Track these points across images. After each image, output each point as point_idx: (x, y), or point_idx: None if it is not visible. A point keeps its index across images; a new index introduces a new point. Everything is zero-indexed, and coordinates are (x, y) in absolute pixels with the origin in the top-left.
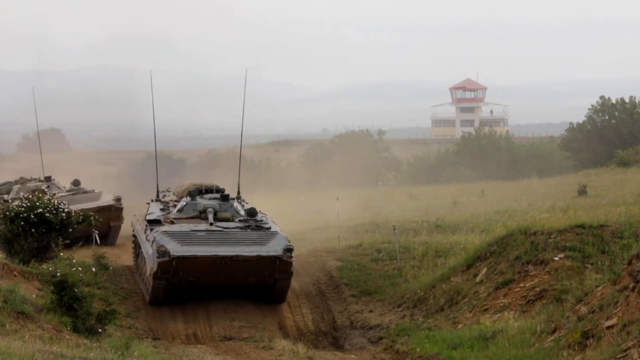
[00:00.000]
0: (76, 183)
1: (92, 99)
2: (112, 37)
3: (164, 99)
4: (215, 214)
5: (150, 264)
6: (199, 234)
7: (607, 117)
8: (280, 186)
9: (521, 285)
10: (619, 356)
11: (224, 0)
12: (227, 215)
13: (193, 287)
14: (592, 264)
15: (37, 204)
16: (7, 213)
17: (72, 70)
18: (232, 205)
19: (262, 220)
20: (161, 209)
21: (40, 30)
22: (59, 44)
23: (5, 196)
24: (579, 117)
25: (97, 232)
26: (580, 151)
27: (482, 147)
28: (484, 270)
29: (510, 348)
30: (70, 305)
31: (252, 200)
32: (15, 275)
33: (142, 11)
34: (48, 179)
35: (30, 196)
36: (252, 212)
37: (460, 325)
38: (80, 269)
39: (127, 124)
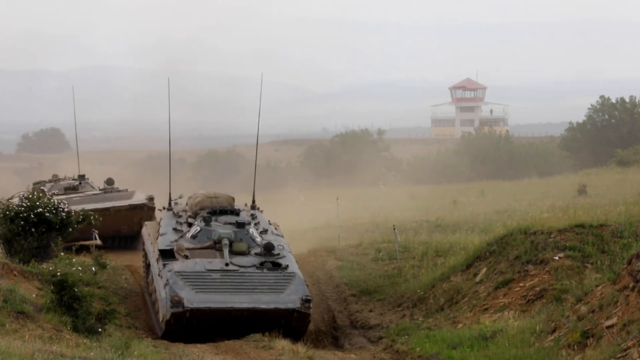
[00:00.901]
0: (109, 182)
1: (92, 99)
2: (113, 37)
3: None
4: (230, 245)
5: (163, 311)
6: (214, 275)
7: (607, 117)
8: (280, 186)
9: (521, 284)
10: (618, 356)
11: (224, 0)
12: (243, 247)
13: (206, 328)
14: (592, 263)
15: (37, 203)
16: (7, 213)
17: (72, 70)
18: (247, 233)
19: (278, 254)
20: (174, 229)
21: (40, 30)
22: (60, 43)
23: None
24: (579, 117)
25: (96, 231)
26: (580, 151)
27: (482, 147)
28: (484, 269)
29: (510, 348)
30: (70, 305)
31: (250, 200)
32: (15, 275)
33: (142, 11)
34: (82, 177)
35: (30, 196)
36: (269, 247)
37: (460, 325)
38: (80, 268)
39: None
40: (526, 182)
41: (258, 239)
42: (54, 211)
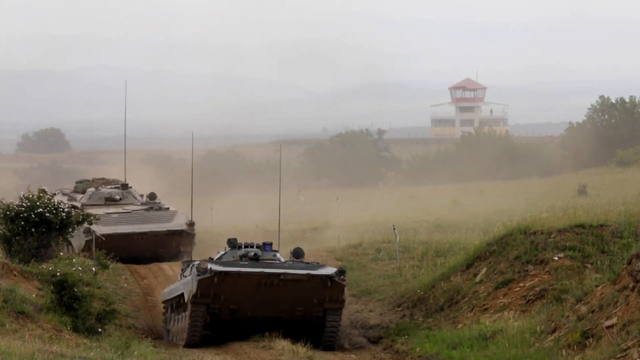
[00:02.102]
0: (152, 197)
1: (92, 99)
2: (113, 37)
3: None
4: (257, 257)
5: (189, 288)
6: (242, 262)
7: (607, 116)
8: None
9: (521, 285)
10: (618, 356)
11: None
12: (271, 258)
13: (233, 320)
14: (592, 263)
15: (37, 203)
16: (8, 213)
17: (72, 70)
18: (275, 255)
19: (308, 263)
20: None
21: (40, 30)
22: (60, 43)
23: (78, 196)
24: (579, 117)
25: (95, 230)
26: (580, 151)
27: (482, 147)
28: (484, 270)
29: (510, 348)
30: (70, 305)
31: (251, 200)
32: (15, 275)
33: (142, 11)
34: (125, 186)
35: (30, 196)
36: (298, 253)
37: (460, 325)
38: (80, 268)
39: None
40: (526, 182)
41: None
42: (54, 211)
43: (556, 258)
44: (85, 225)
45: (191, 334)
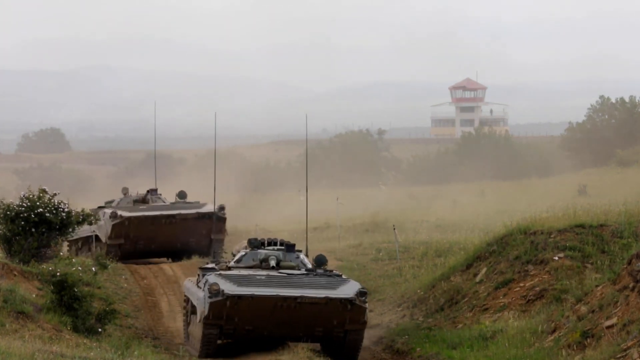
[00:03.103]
0: (182, 195)
1: (92, 99)
2: (113, 37)
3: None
4: (278, 263)
5: (201, 308)
6: (258, 277)
7: (607, 117)
8: (280, 186)
9: (521, 285)
10: (618, 356)
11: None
12: (292, 265)
13: (250, 339)
14: (592, 263)
15: (38, 203)
16: (8, 213)
17: (72, 70)
18: (298, 257)
19: (332, 271)
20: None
21: (40, 30)
22: (60, 43)
23: (115, 203)
24: (579, 117)
25: (95, 231)
26: (580, 151)
27: (482, 147)
28: (484, 270)
29: (510, 348)
30: (70, 305)
31: (252, 199)
32: (15, 275)
33: (142, 12)
34: (153, 191)
35: (30, 196)
36: (320, 260)
37: (460, 325)
38: (80, 268)
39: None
40: (526, 182)
41: (309, 265)
42: (54, 211)
43: (556, 258)
44: (110, 210)
45: (204, 350)
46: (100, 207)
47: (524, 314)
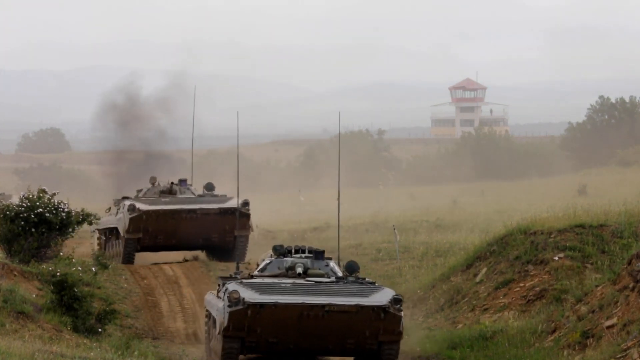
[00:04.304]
0: (209, 187)
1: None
2: (112, 37)
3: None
4: (305, 270)
5: (220, 318)
6: (283, 285)
7: (607, 117)
8: (280, 186)
9: (521, 285)
10: (618, 356)
11: (222, 1)
12: (321, 272)
13: (274, 352)
14: (592, 263)
15: (37, 203)
16: (7, 213)
17: (72, 70)
18: (327, 265)
19: (365, 279)
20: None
21: (40, 29)
22: (60, 43)
23: (142, 192)
24: (579, 117)
25: (96, 231)
26: (580, 151)
27: (482, 147)
28: (484, 270)
29: (510, 348)
30: (70, 305)
31: (252, 199)
32: (15, 275)
33: (142, 12)
34: (183, 181)
35: (30, 196)
36: (352, 267)
37: (460, 325)
38: (80, 268)
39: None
40: (526, 182)
41: (339, 274)
42: (54, 211)
43: (556, 258)
44: (129, 202)
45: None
46: (125, 198)
47: (524, 314)
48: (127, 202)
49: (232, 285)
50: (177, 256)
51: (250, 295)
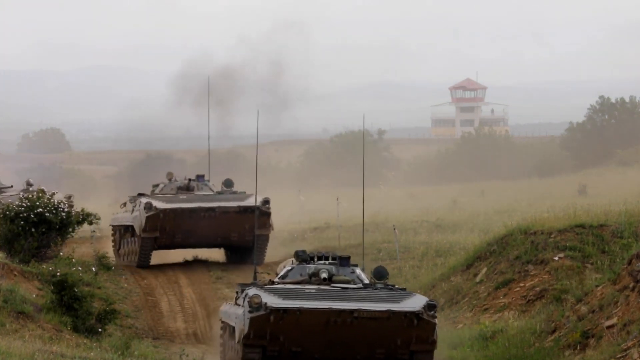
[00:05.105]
0: (228, 184)
1: (92, 99)
2: (113, 38)
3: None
4: (330, 277)
5: (240, 325)
6: (307, 290)
7: (607, 116)
8: (280, 186)
9: (521, 285)
10: (619, 356)
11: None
12: (347, 278)
13: None
14: (592, 263)
15: (37, 203)
16: (7, 213)
17: (72, 70)
18: (353, 272)
19: (395, 285)
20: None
21: (40, 29)
22: (60, 43)
23: (159, 188)
24: (579, 117)
25: (96, 231)
26: (580, 151)
27: (482, 147)
28: (484, 270)
29: (510, 348)
30: (70, 305)
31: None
32: (15, 275)
33: (142, 13)
34: (200, 177)
35: (30, 196)
36: (381, 273)
37: (460, 325)
38: (80, 268)
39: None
40: (526, 182)
41: (367, 282)
42: (54, 211)
43: (556, 258)
44: (146, 200)
45: None
46: (141, 194)
47: (524, 314)
48: (144, 200)
49: (252, 290)
50: (176, 256)
51: (272, 300)
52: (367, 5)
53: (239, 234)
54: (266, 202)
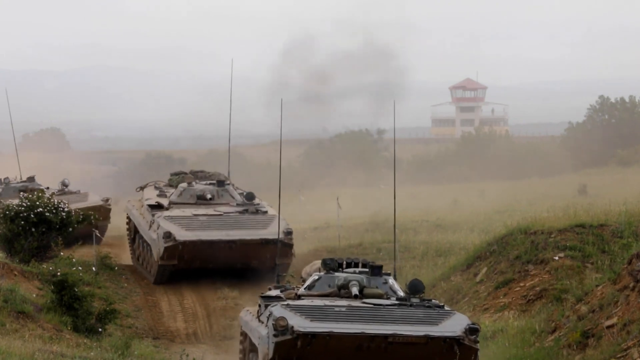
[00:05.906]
0: (250, 197)
1: (92, 99)
2: (112, 38)
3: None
4: (361, 290)
5: (264, 349)
6: (337, 309)
7: (607, 116)
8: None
9: (521, 284)
10: (619, 355)
11: (222, 1)
12: (379, 292)
13: None
14: (592, 263)
15: (37, 203)
16: (7, 213)
17: (72, 70)
18: (386, 282)
19: (432, 300)
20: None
21: (40, 29)
22: (60, 43)
23: (170, 191)
24: (579, 117)
25: (96, 230)
26: (581, 151)
27: (482, 147)
28: (484, 269)
29: (510, 347)
30: (70, 305)
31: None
32: (15, 275)
33: (142, 13)
34: (221, 183)
35: (30, 196)
36: (416, 287)
37: None
38: (80, 268)
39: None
40: (526, 182)
41: (400, 293)
42: (54, 211)
43: (556, 258)
44: (165, 228)
45: None
46: (157, 207)
47: (524, 314)
48: (162, 223)
49: (277, 310)
50: None
51: (299, 323)
52: (370, 5)
53: (259, 262)
54: (289, 232)
